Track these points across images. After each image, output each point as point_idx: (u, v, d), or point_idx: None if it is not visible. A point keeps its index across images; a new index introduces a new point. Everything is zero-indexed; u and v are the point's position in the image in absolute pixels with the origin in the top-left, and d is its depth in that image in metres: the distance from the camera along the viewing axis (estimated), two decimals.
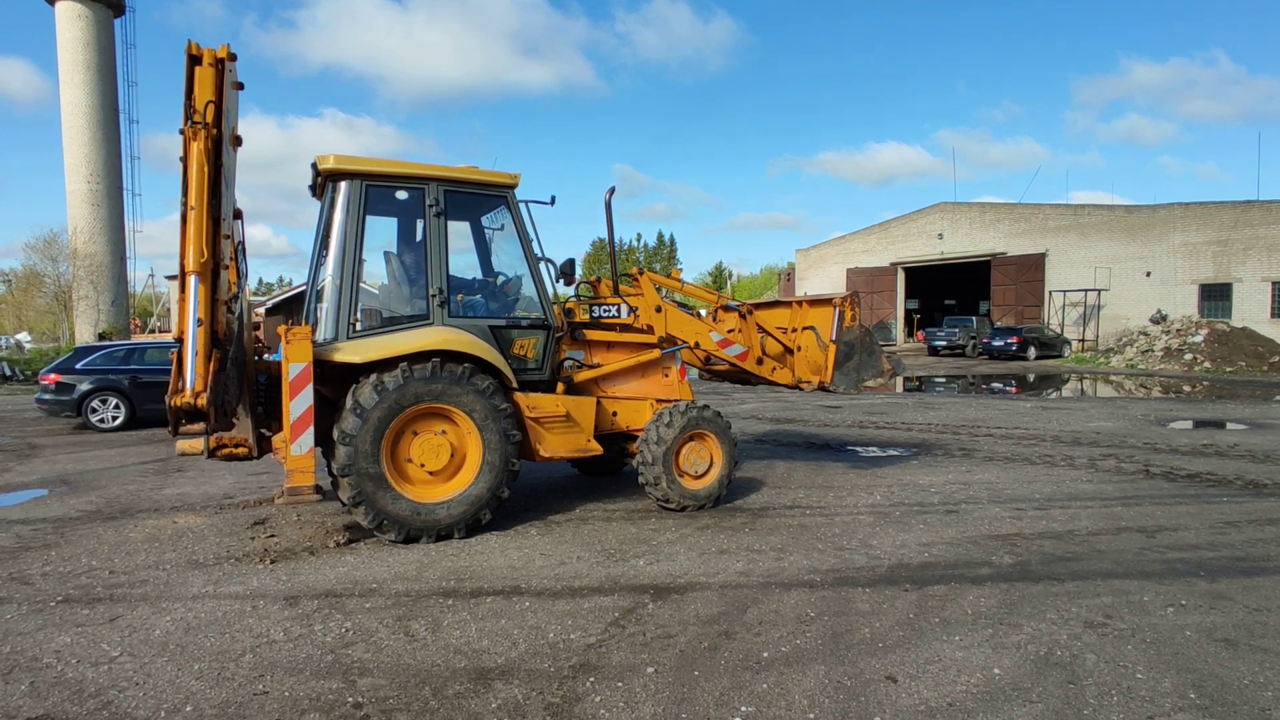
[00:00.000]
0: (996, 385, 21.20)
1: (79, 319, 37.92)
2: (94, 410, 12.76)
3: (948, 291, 44.97)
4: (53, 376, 12.96)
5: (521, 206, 6.46)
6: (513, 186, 6.41)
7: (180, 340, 5.32)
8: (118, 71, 39.21)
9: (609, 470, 8.38)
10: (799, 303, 7.99)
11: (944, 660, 3.66)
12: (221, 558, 5.46)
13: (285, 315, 33.88)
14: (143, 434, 12.37)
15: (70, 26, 37.50)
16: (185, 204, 5.25)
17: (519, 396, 6.12)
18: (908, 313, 42.11)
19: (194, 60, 5.23)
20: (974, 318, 35.63)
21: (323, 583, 4.87)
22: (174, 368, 5.29)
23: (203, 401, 5.20)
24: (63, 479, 8.65)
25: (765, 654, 3.75)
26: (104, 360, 13.27)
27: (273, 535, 6.04)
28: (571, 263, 6.58)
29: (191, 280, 5.23)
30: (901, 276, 41.37)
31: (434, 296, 5.93)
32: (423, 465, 5.71)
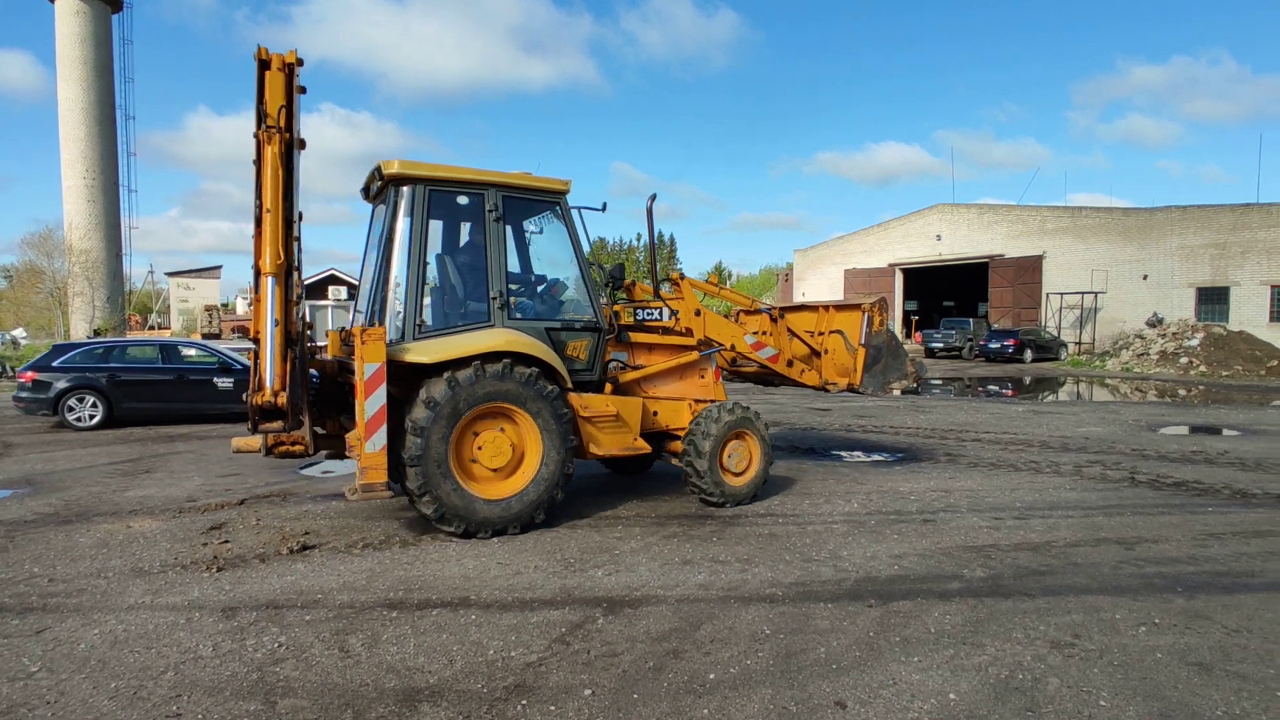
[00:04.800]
0: (992, 388, 21.01)
1: (74, 315, 37.80)
2: (71, 409, 12.57)
3: (946, 293, 44.79)
4: (29, 374, 12.78)
5: (573, 212, 6.64)
6: (565, 193, 6.58)
7: (257, 340, 5.45)
8: (115, 67, 39.08)
9: (639, 469, 8.46)
10: (825, 307, 8.33)
11: (899, 684, 3.47)
12: (167, 565, 5.28)
13: None
14: (119, 433, 12.19)
15: (69, 22, 37.36)
16: (260, 207, 5.37)
17: (573, 397, 6.26)
18: (905, 314, 41.91)
19: (263, 65, 5.33)
20: (971, 319, 35.45)
21: (266, 593, 4.69)
22: (252, 367, 5.46)
23: (283, 400, 5.34)
24: (28, 479, 8.47)
25: (712, 675, 3.56)
26: (82, 358, 13.09)
27: (226, 541, 5.86)
28: (621, 268, 6.85)
29: (268, 281, 5.34)
30: (899, 277, 41.18)
31: (494, 299, 6.05)
32: (485, 463, 5.84)
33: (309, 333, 6.02)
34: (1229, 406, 16.06)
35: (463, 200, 6.27)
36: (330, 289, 38.25)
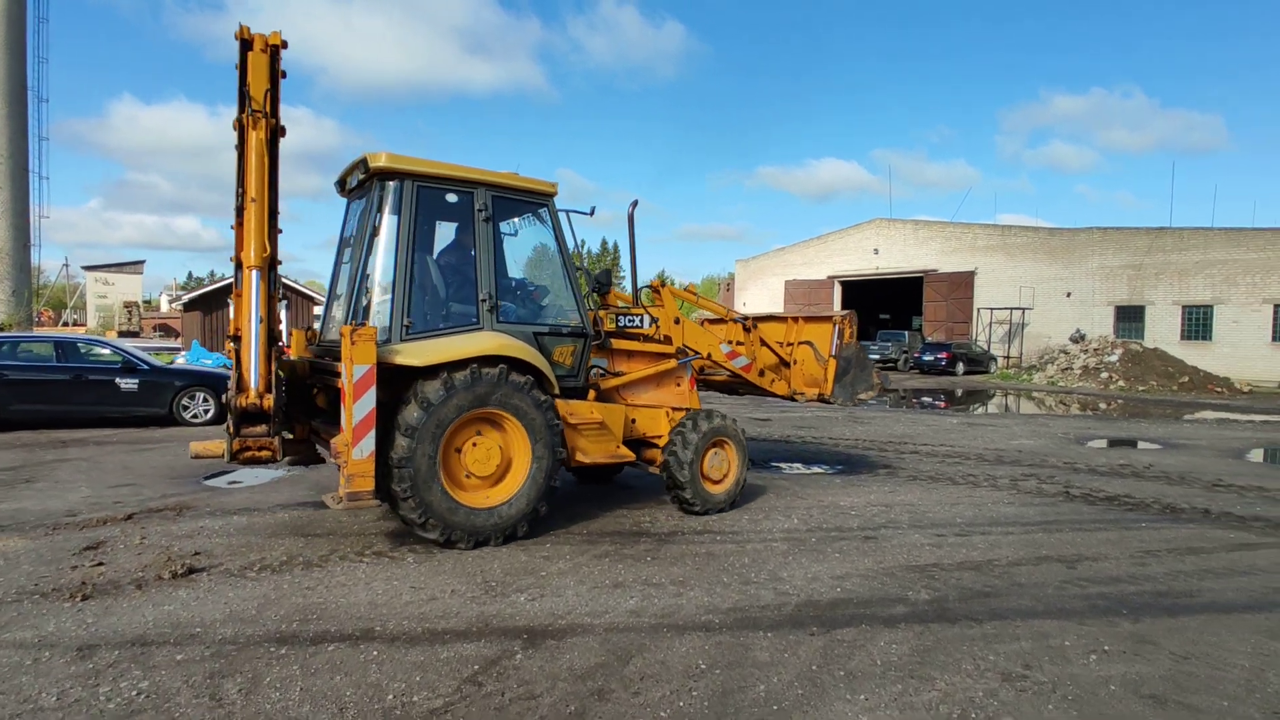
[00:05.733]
0: (926, 399, 21.36)
1: None
2: None
3: (882, 306, 45.76)
4: None
5: (561, 215, 6.48)
6: (553, 195, 6.43)
7: (237, 338, 5.12)
8: (28, 47, 36.50)
9: (608, 477, 8.29)
10: (794, 319, 8.53)
11: None
12: (25, 592, 4.61)
13: (202, 311, 31.99)
14: (6, 437, 11.06)
15: None
16: (243, 196, 5.11)
17: (559, 404, 6.08)
18: None
19: (245, 45, 5.06)
20: (906, 332, 36.21)
21: (135, 626, 4.09)
22: (234, 366, 5.09)
23: (269, 403, 5.03)
24: None
25: None
26: None
27: (100, 564, 5.19)
28: (608, 273, 6.78)
29: (252, 275, 5.06)
30: (838, 289, 41.86)
31: (484, 301, 5.85)
32: (473, 470, 5.62)
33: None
34: (1148, 420, 16.64)
35: (451, 198, 5.99)
36: None
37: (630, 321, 7.00)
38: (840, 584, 5.01)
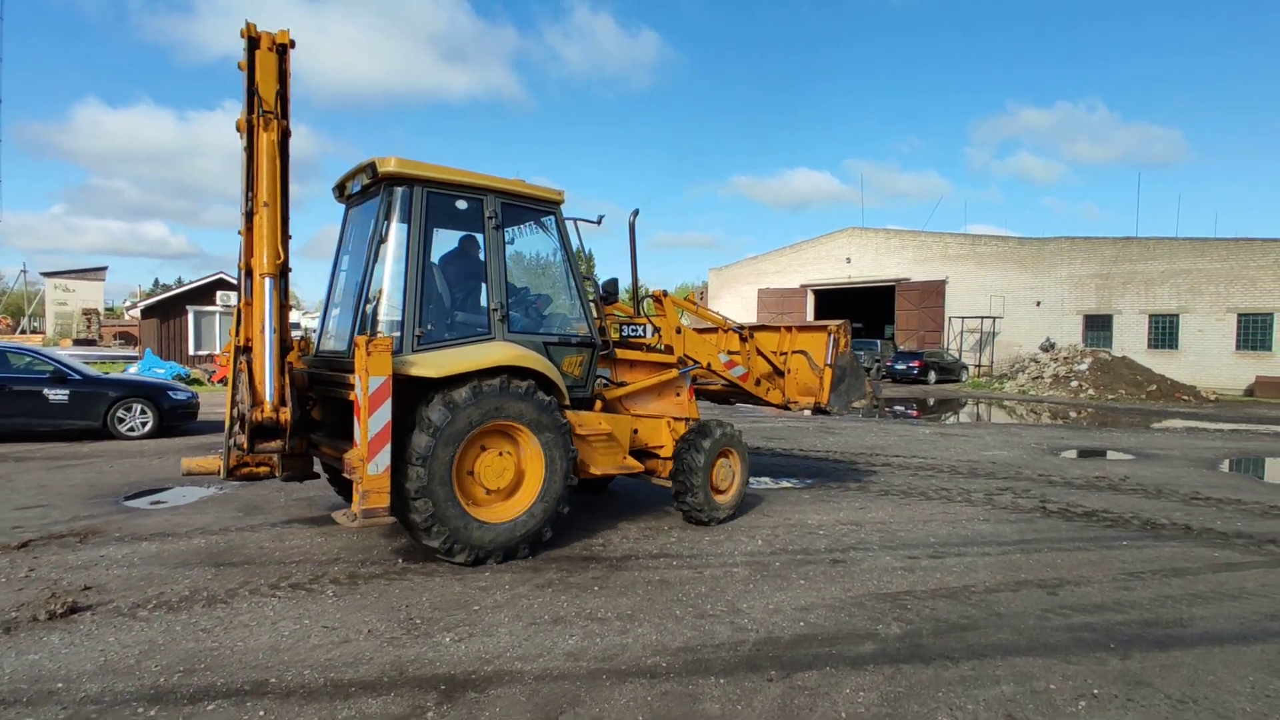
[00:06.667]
0: (899, 408, 21.13)
1: None
2: None
3: (855, 314, 45.71)
4: None
5: (567, 223, 6.37)
6: (560, 203, 6.30)
7: (248, 349, 4.93)
8: None
9: (600, 489, 8.10)
10: (788, 328, 8.51)
11: None
12: None
13: (159, 318, 30.88)
14: None
15: None
16: (253, 200, 4.96)
17: (569, 414, 5.92)
18: None
19: (253, 43, 4.93)
20: (879, 341, 36.15)
21: None
22: (246, 378, 4.89)
23: (285, 416, 4.86)
24: None
25: None
26: None
27: None
28: (615, 282, 6.66)
29: (266, 283, 4.90)
30: (811, 298, 41.76)
31: (495, 311, 5.71)
32: (487, 484, 5.44)
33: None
34: (1119, 429, 16.51)
35: (461, 205, 5.83)
36: (219, 294, 35.39)
37: (634, 331, 6.99)
38: (804, 616, 4.55)
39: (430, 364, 5.14)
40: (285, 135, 5.12)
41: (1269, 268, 28.28)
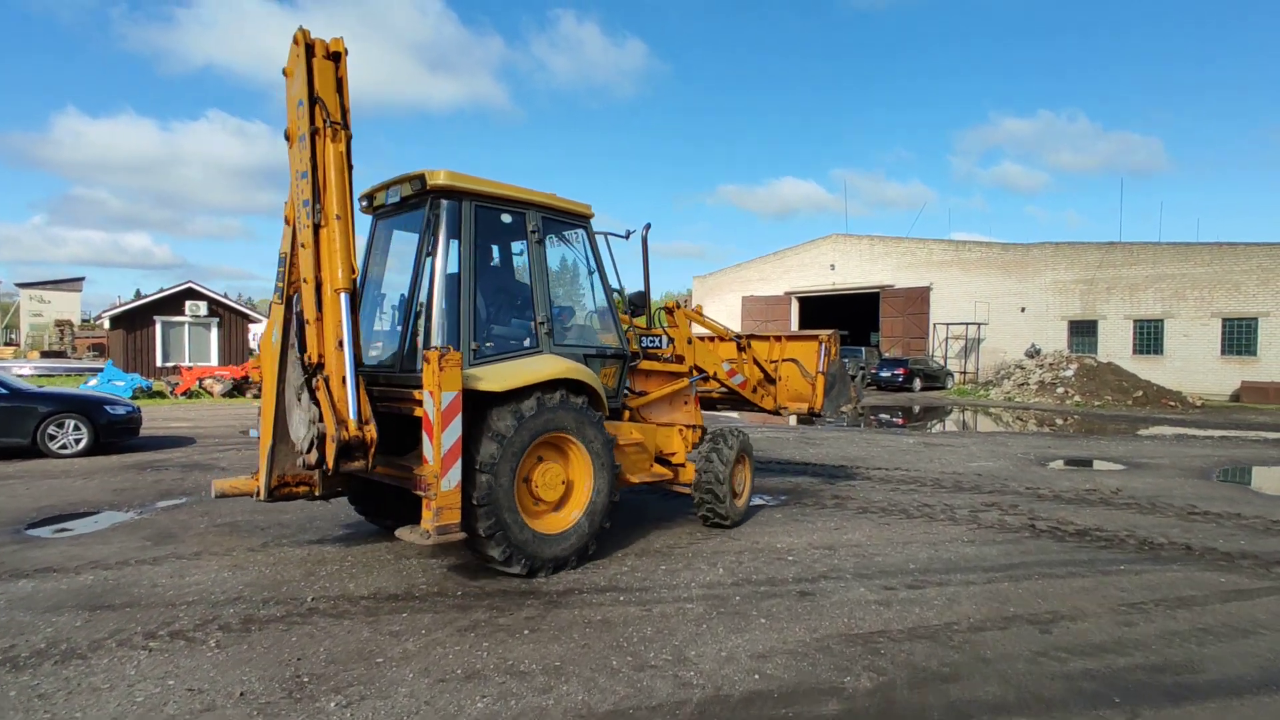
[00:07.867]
0: (884, 416, 20.60)
1: None
2: None
3: (840, 321, 45.25)
4: None
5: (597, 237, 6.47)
6: (591, 217, 6.43)
7: (321, 367, 4.84)
8: None
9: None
10: (778, 337, 8.90)
11: None
12: None
13: (125, 329, 29.96)
14: None
15: None
16: (319, 212, 4.85)
17: (607, 425, 5.98)
18: None
19: (309, 50, 4.83)
20: (864, 348, 35.69)
21: None
22: (324, 398, 4.72)
23: (371, 434, 4.75)
24: None
25: None
26: None
27: None
28: (643, 295, 6.71)
29: (342, 299, 4.76)
30: (795, 306, 41.32)
31: (541, 324, 5.78)
32: (542, 496, 5.47)
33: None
34: (1107, 437, 16.03)
35: (505, 219, 5.87)
36: (188, 304, 34.47)
37: (652, 342, 7.20)
38: (760, 667, 3.92)
39: (493, 378, 5.14)
40: (349, 145, 5.01)
41: (1253, 272, 28.07)
